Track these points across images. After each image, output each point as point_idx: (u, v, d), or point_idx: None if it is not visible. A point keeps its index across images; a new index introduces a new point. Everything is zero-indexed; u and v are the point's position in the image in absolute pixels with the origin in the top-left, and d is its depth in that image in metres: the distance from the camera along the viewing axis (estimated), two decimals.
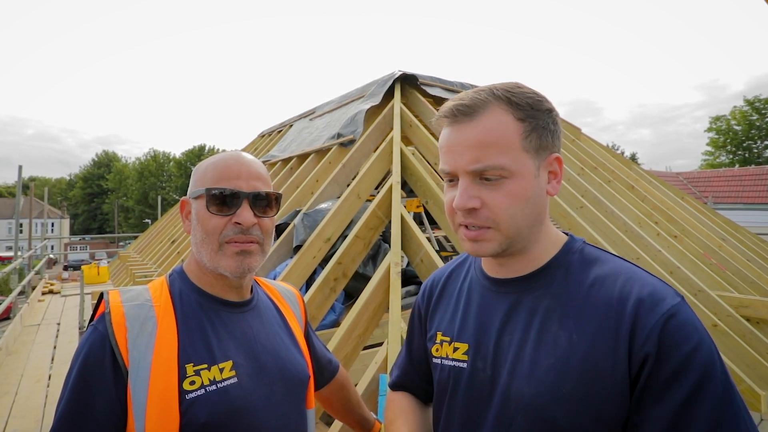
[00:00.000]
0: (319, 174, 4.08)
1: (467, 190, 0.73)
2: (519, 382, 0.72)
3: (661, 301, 0.66)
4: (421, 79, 4.74)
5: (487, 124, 0.72)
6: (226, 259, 0.89)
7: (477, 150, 0.71)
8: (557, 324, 0.72)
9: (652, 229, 4.20)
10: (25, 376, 4.29)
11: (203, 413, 0.81)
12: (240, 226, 0.89)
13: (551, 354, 0.70)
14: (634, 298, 0.67)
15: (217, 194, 0.88)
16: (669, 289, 0.69)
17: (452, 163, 0.74)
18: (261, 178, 0.94)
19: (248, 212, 0.90)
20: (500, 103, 0.73)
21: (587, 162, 5.07)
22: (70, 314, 6.65)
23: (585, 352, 0.67)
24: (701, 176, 18.98)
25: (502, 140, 0.71)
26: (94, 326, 0.83)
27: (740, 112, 31.38)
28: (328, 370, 1.19)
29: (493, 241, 0.74)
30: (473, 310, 0.84)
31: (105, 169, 59.85)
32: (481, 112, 0.73)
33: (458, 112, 0.74)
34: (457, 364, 0.83)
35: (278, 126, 7.90)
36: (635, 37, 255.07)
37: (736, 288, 4.09)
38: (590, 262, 0.76)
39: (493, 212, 0.72)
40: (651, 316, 0.65)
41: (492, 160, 0.71)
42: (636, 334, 0.65)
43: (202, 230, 0.90)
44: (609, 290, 0.70)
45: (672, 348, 0.63)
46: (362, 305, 2.24)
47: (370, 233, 2.83)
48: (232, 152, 0.96)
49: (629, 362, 0.65)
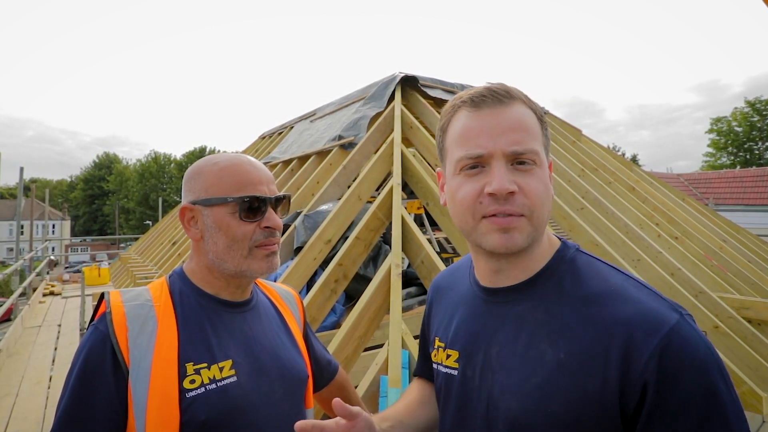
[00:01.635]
0: (320, 176, 4.08)
1: (505, 175, 0.69)
2: (506, 396, 0.71)
3: (657, 324, 0.63)
4: (421, 80, 4.75)
5: (522, 112, 0.73)
6: (256, 262, 0.92)
7: (517, 132, 0.70)
8: (546, 340, 0.70)
9: (653, 231, 4.20)
10: (25, 377, 4.29)
11: (203, 412, 0.81)
12: (269, 230, 0.93)
13: (538, 372, 0.69)
14: (628, 322, 0.64)
15: (249, 202, 0.90)
16: (664, 306, 0.65)
17: (488, 146, 0.70)
18: (273, 181, 0.98)
19: (275, 216, 0.94)
20: (524, 100, 0.75)
21: (588, 163, 5.06)
22: (71, 316, 6.65)
23: (573, 374, 0.65)
24: (702, 178, 18.97)
25: (534, 129, 0.73)
26: (95, 326, 0.84)
27: (741, 113, 31.38)
28: (327, 371, 1.19)
29: (524, 232, 0.70)
30: (465, 318, 0.84)
31: (106, 170, 59.88)
32: (513, 99, 0.73)
33: (492, 95, 0.73)
34: (449, 371, 0.83)
35: (279, 128, 7.91)
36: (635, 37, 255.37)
37: (738, 289, 4.08)
38: (583, 274, 0.74)
39: (530, 198, 0.69)
40: (648, 342, 0.61)
41: (530, 144, 0.71)
42: (631, 361, 0.62)
43: (229, 237, 0.90)
44: (601, 310, 0.68)
45: (674, 376, 0.60)
46: (363, 307, 2.24)
47: (371, 235, 2.83)
48: (238, 156, 0.96)
49: (621, 389, 0.62)
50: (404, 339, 2.02)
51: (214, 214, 0.90)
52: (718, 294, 3.44)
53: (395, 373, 1.81)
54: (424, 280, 2.56)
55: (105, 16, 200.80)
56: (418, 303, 3.29)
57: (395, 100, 4.33)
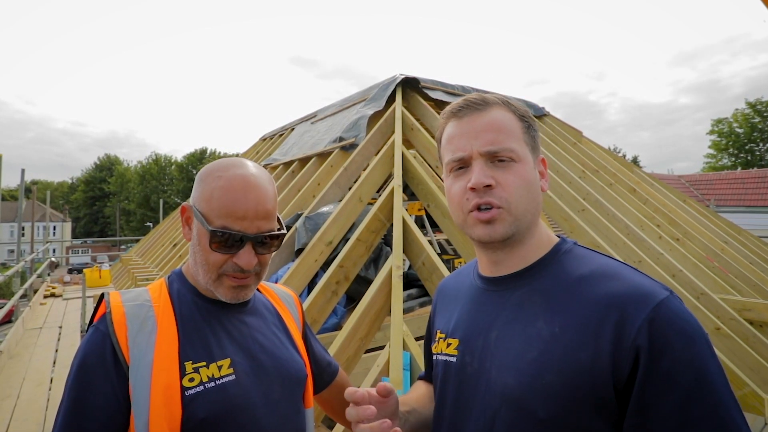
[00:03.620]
0: (321, 177, 4.08)
1: (482, 171, 0.78)
2: (503, 373, 0.75)
3: (648, 295, 0.67)
4: (422, 82, 4.75)
5: (496, 115, 0.82)
6: (222, 289, 0.91)
7: (492, 133, 0.80)
8: (542, 319, 0.74)
9: (654, 232, 4.19)
10: (26, 379, 4.29)
11: (202, 410, 0.82)
12: (239, 266, 0.89)
13: (534, 347, 0.72)
14: (621, 294, 0.69)
15: (220, 236, 0.86)
16: (656, 284, 0.70)
17: (467, 147, 0.80)
18: (267, 216, 0.90)
19: (250, 254, 0.89)
20: (502, 105, 0.84)
21: (589, 165, 5.06)
22: (72, 317, 6.65)
23: (566, 345, 0.69)
24: (703, 179, 18.96)
25: (510, 129, 0.81)
26: (95, 326, 0.85)
27: (742, 114, 31.38)
28: (327, 372, 1.19)
29: (504, 222, 0.77)
30: (467, 308, 0.88)
31: (107, 172, 59.99)
32: (489, 106, 0.83)
33: (470, 104, 0.83)
34: (448, 358, 0.87)
35: (280, 129, 7.91)
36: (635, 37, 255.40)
37: (739, 291, 4.07)
38: (578, 260, 0.79)
39: (506, 191, 0.77)
40: (639, 310, 0.66)
41: (505, 143, 0.79)
42: (624, 330, 0.65)
43: (202, 256, 0.89)
44: (595, 286, 0.72)
45: (665, 342, 0.63)
46: (364, 308, 2.24)
47: (372, 236, 2.83)
48: (241, 177, 0.89)
49: (614, 358, 0.65)
50: (405, 341, 2.02)
51: (198, 228, 0.90)
52: (719, 295, 3.44)
53: (396, 375, 1.81)
54: (425, 281, 2.56)
55: (105, 16, 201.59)
56: (420, 305, 3.29)
57: (396, 102, 4.34)
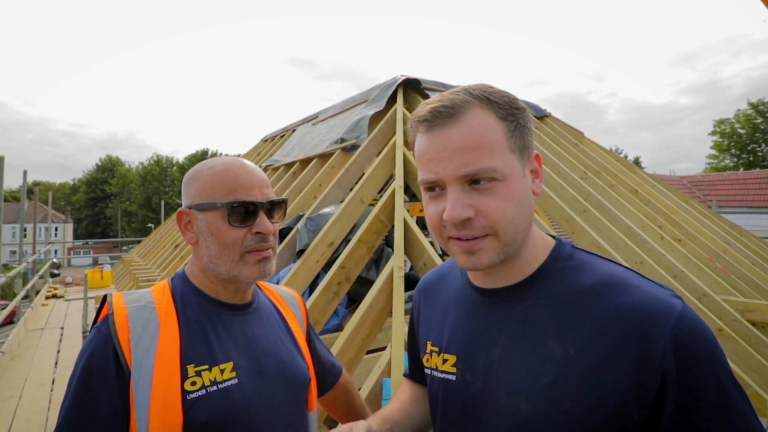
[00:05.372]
0: (322, 178, 4.08)
1: (459, 199, 0.67)
2: (514, 397, 0.69)
3: (665, 309, 0.63)
4: (423, 83, 4.75)
5: (471, 125, 0.66)
6: (248, 268, 0.91)
7: (466, 153, 0.66)
8: (553, 337, 0.68)
9: (655, 233, 4.18)
10: (28, 380, 4.29)
11: (204, 414, 0.81)
12: (261, 235, 0.91)
13: (549, 370, 0.66)
14: (636, 309, 0.64)
15: (238, 207, 0.89)
16: (666, 292, 0.66)
17: (438, 171, 0.68)
18: (268, 185, 0.96)
19: (267, 221, 0.92)
20: (480, 102, 0.68)
21: (590, 166, 5.05)
22: (74, 318, 6.65)
23: (584, 368, 0.64)
24: (705, 180, 18.90)
25: (489, 141, 0.66)
26: (97, 328, 0.84)
27: (744, 115, 31.28)
28: (331, 374, 1.19)
29: (491, 251, 0.68)
30: (461, 320, 0.81)
31: (108, 173, 60.12)
32: (463, 112, 0.67)
33: (439, 114, 0.68)
34: (446, 376, 0.80)
35: (281, 130, 7.92)
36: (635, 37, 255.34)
37: (741, 292, 4.06)
38: (581, 268, 0.72)
39: (491, 219, 0.66)
40: (661, 328, 0.61)
41: (483, 162, 0.65)
42: (648, 351, 0.61)
43: (220, 242, 0.90)
44: (606, 299, 0.66)
45: (691, 362, 0.60)
46: (365, 309, 2.24)
47: (373, 237, 2.83)
48: (233, 160, 0.94)
49: (639, 381, 0.61)
50: (407, 341, 2.01)
51: (207, 219, 0.90)
52: (721, 297, 3.43)
53: (398, 376, 1.81)
54: None
55: (106, 16, 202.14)
56: None
57: (397, 103, 4.34)
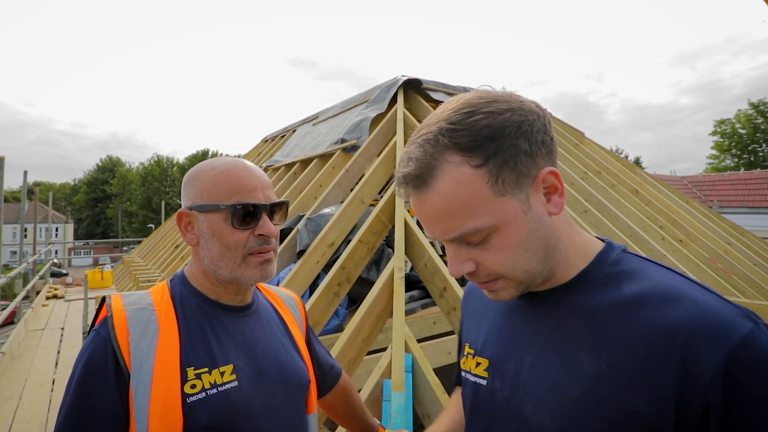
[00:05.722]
0: (323, 179, 4.08)
1: (457, 255, 0.66)
2: (539, 410, 0.65)
3: (723, 331, 0.52)
4: (424, 83, 4.75)
5: (443, 190, 0.60)
6: (250, 270, 0.90)
7: (444, 222, 0.62)
8: (586, 350, 0.62)
9: (656, 234, 4.17)
10: (28, 380, 4.29)
11: (204, 417, 0.81)
12: (263, 238, 0.91)
13: (577, 384, 0.61)
14: (686, 327, 0.54)
15: (242, 209, 0.88)
16: (734, 311, 0.54)
17: (430, 233, 0.67)
18: (270, 187, 0.95)
19: (269, 224, 0.92)
20: (449, 154, 0.60)
21: (591, 166, 5.05)
22: (74, 319, 6.66)
23: (618, 389, 0.57)
24: (706, 180, 18.91)
25: (466, 203, 0.60)
26: (96, 330, 0.83)
27: (745, 115, 31.28)
28: (330, 375, 1.18)
29: (508, 288, 0.67)
30: (497, 324, 0.79)
31: (109, 174, 60.20)
32: (433, 176, 0.61)
33: (409, 181, 0.63)
34: (477, 380, 0.78)
35: (281, 131, 7.92)
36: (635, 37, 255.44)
37: (743, 293, 4.06)
38: (629, 275, 0.64)
39: (492, 269, 0.65)
40: (712, 353, 0.52)
41: (465, 226, 0.61)
42: (691, 376, 0.53)
43: (222, 244, 0.89)
44: (651, 312, 0.58)
45: (745, 395, 0.51)
46: (366, 310, 2.23)
47: (374, 238, 2.83)
48: (235, 161, 0.94)
49: (677, 410, 0.54)
50: (407, 342, 2.01)
51: (209, 221, 0.89)
52: None
53: (398, 377, 1.80)
54: (427, 283, 2.55)
55: (106, 16, 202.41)
56: (421, 306, 3.28)
57: (398, 103, 4.34)
